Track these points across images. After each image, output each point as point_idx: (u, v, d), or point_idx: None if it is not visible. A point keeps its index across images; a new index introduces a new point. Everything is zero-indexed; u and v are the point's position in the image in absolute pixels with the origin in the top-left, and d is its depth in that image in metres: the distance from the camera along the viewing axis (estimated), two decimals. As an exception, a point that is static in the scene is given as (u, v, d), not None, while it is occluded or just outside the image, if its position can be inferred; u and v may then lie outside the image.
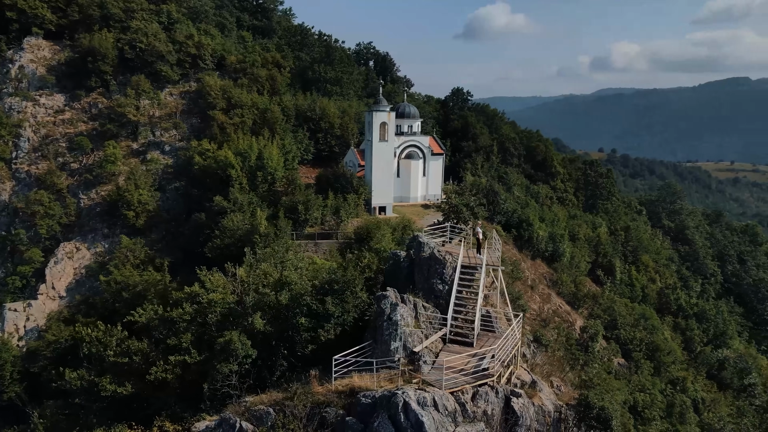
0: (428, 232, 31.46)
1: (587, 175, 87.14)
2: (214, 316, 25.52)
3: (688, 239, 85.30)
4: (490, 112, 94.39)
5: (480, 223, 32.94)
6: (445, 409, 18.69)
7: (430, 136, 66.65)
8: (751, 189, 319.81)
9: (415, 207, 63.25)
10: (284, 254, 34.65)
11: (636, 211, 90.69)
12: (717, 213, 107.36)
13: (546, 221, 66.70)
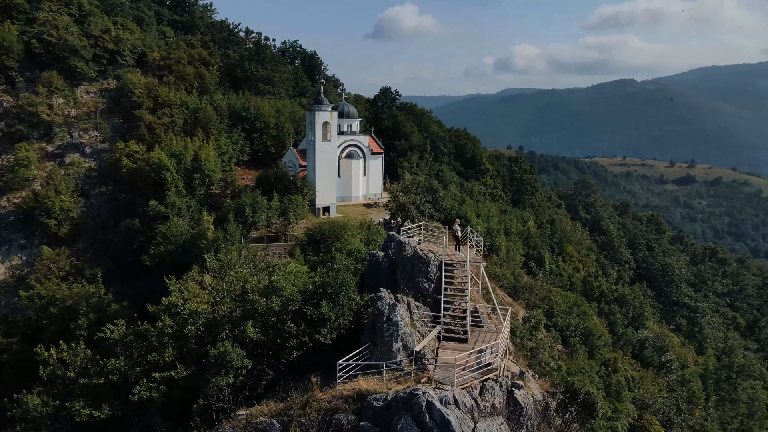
0: (405, 231, 31.64)
1: (513, 172, 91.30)
2: (194, 327, 24.12)
3: (603, 230, 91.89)
4: (418, 111, 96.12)
5: (458, 221, 33.58)
6: (464, 405, 18.99)
7: (369, 136, 66.83)
8: (641, 182, 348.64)
9: (357, 207, 63.18)
10: (253, 259, 33.38)
11: (556, 205, 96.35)
12: (625, 204, 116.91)
13: (482, 217, 69.09)
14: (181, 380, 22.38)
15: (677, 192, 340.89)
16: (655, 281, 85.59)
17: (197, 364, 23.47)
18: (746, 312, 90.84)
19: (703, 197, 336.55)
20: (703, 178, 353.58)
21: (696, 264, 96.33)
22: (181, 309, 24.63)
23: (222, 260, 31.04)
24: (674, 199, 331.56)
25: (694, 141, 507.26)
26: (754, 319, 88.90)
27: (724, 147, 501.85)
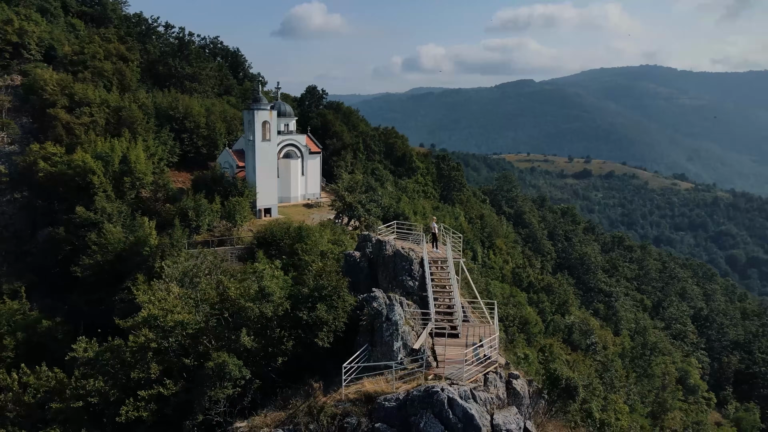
0: (381, 231, 31.59)
1: (441, 169, 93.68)
2: (181, 339, 22.59)
3: (526, 223, 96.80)
4: (345, 110, 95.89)
5: (435, 218, 33.97)
6: (479, 399, 19.37)
7: (306, 135, 65.83)
8: (545, 176, 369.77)
9: (297, 207, 62.10)
10: (219, 265, 31.80)
11: (481, 200, 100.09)
12: (542, 198, 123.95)
13: (418, 214, 70.40)
14: (172, 396, 20.95)
15: (576, 185, 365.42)
16: (575, 269, 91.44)
17: (187, 377, 22.07)
18: (651, 294, 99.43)
19: (599, 190, 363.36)
20: (598, 172, 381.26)
21: (607, 252, 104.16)
22: (161, 321, 23.03)
23: (187, 267, 29.36)
24: (574, 192, 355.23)
25: (587, 137, 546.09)
26: (659, 300, 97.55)
27: (612, 143, 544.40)
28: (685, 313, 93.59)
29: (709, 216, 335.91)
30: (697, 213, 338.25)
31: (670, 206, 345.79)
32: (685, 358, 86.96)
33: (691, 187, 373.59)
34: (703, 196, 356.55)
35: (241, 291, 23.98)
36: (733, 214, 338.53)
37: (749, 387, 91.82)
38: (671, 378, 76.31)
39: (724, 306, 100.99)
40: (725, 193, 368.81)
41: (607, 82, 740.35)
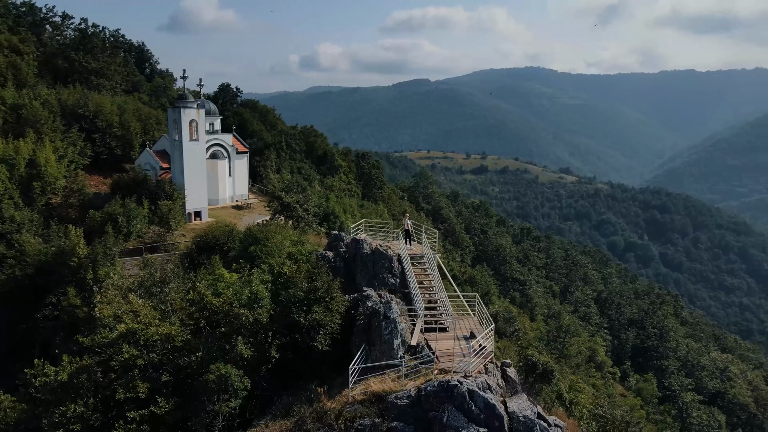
0: (353, 229, 31.14)
1: (361, 167, 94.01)
2: (161, 354, 20.82)
3: (444, 217, 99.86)
4: (261, 108, 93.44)
5: (408, 215, 33.95)
6: (493, 388, 19.86)
7: (232, 134, 63.28)
8: (445, 173, 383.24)
9: (226, 209, 59.59)
10: (175, 273, 29.63)
11: (400, 197, 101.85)
12: (455, 194, 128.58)
13: (347, 213, 70.27)
14: (166, 415, 19.32)
15: (474, 181, 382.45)
16: (492, 261, 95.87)
17: (177, 393, 20.46)
18: (558, 280, 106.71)
19: (495, 184, 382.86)
20: (493, 167, 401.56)
21: (518, 243, 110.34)
22: (141, 335, 21.14)
23: (144, 277, 27.28)
24: (473, 187, 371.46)
25: (482, 135, 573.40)
26: (565, 285, 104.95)
27: (504, 139, 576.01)
28: (588, 296, 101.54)
29: (592, 206, 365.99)
30: (581, 204, 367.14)
31: (558, 198, 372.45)
32: (591, 338, 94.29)
33: (576, 180, 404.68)
34: (585, 188, 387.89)
35: (224, 298, 22.69)
36: (611, 203, 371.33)
37: (644, 359, 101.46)
38: (584, 357, 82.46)
39: (620, 288, 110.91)
40: (604, 184, 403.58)
41: (496, 82, 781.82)
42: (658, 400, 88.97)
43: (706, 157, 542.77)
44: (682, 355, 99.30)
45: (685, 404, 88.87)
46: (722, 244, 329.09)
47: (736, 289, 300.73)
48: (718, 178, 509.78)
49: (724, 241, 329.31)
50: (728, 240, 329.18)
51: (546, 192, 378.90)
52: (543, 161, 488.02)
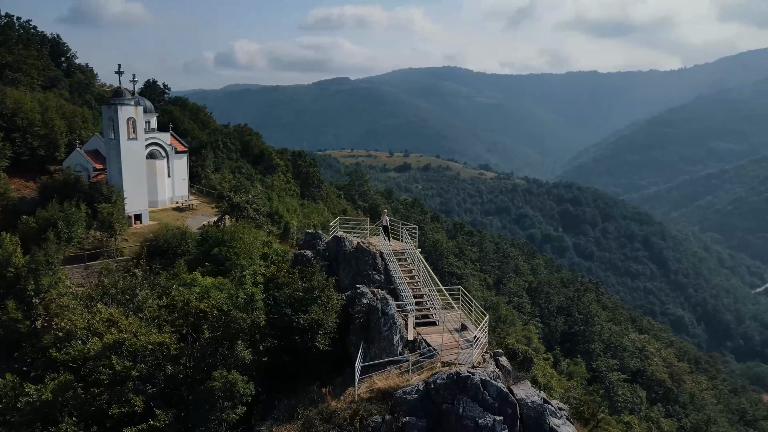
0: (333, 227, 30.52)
1: (298, 166, 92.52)
2: (153, 364, 19.41)
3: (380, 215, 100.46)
4: (192, 106, 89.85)
5: (386, 211, 33.57)
6: (501, 377, 20.25)
7: (169, 133, 60.28)
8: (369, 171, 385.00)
9: (167, 212, 56.72)
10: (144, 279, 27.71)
11: (337, 195, 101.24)
12: (389, 191, 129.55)
13: (291, 212, 69.05)
14: (166, 427, 18.09)
15: (398, 178, 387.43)
16: (429, 256, 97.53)
17: (175, 403, 19.22)
18: (491, 273, 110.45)
19: (418, 182, 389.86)
20: (416, 165, 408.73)
21: (452, 238, 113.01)
22: (128, 346, 19.64)
23: (108, 285, 25.48)
24: (397, 185, 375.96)
25: (403, 133, 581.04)
26: (499, 278, 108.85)
27: (425, 137, 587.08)
28: (521, 286, 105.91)
29: (511, 201, 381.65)
30: (501, 199, 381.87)
31: (479, 194, 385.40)
32: (525, 326, 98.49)
33: (495, 176, 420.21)
34: (504, 184, 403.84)
35: (213, 302, 21.66)
36: (528, 198, 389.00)
37: (572, 344, 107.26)
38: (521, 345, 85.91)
39: (547, 277, 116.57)
40: (521, 180, 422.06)
41: (415, 82, 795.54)
42: (587, 382, 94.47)
43: (609, 153, 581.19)
44: (605, 338, 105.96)
45: (612, 383, 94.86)
46: (627, 233, 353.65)
47: (640, 275, 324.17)
48: (620, 172, 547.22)
49: (629, 231, 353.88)
50: (633, 229, 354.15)
51: (468, 188, 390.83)
52: (463, 158, 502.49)
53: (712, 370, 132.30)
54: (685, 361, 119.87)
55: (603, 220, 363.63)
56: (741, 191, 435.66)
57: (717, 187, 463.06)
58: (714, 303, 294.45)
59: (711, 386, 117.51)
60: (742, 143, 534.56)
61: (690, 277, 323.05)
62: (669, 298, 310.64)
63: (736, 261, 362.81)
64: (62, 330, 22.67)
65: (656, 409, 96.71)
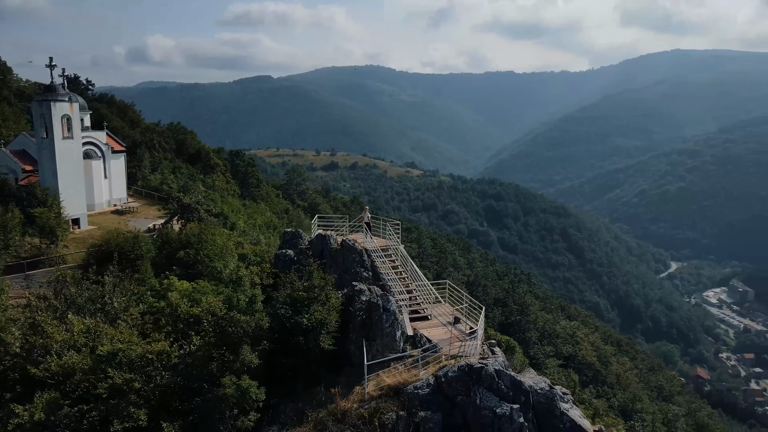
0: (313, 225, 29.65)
1: (236, 165, 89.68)
2: (154, 374, 17.99)
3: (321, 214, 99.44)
4: (119, 104, 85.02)
5: (367, 208, 32.97)
6: (510, 367, 20.58)
7: (105, 132, 56.53)
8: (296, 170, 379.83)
9: (105, 215, 53.23)
10: (114, 285, 25.65)
11: (276, 195, 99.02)
12: (326, 189, 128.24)
13: (235, 212, 67.00)
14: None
15: (326, 177, 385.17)
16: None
17: (179, 414, 18.01)
18: (431, 268, 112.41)
19: (346, 180, 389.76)
20: (343, 163, 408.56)
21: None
22: (122, 357, 18.15)
23: (75, 295, 23.61)
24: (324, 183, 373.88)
25: (329, 131, 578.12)
26: (438, 273, 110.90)
27: (351, 136, 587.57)
28: (460, 280, 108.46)
29: (437, 197, 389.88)
30: (427, 196, 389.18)
31: (406, 191, 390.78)
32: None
33: (421, 173, 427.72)
34: (430, 181, 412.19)
35: (206, 306, 20.60)
36: (454, 194, 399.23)
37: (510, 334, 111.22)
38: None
39: (484, 270, 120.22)
40: (446, 177, 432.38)
41: (340, 80, 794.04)
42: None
43: (527, 150, 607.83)
44: (540, 327, 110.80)
45: (548, 370, 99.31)
46: (547, 226, 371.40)
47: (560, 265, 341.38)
48: (537, 168, 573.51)
49: (549, 224, 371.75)
50: (551, 222, 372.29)
51: (395, 186, 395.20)
52: (389, 156, 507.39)
53: (632, 352, 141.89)
54: (609, 344, 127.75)
55: (524, 214, 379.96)
56: (644, 184, 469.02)
57: (623, 181, 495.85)
58: (625, 289, 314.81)
59: (633, 366, 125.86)
60: (645, 140, 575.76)
61: (604, 266, 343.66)
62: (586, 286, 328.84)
63: (643, 249, 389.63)
64: (34, 345, 20.64)
65: (588, 391, 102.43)
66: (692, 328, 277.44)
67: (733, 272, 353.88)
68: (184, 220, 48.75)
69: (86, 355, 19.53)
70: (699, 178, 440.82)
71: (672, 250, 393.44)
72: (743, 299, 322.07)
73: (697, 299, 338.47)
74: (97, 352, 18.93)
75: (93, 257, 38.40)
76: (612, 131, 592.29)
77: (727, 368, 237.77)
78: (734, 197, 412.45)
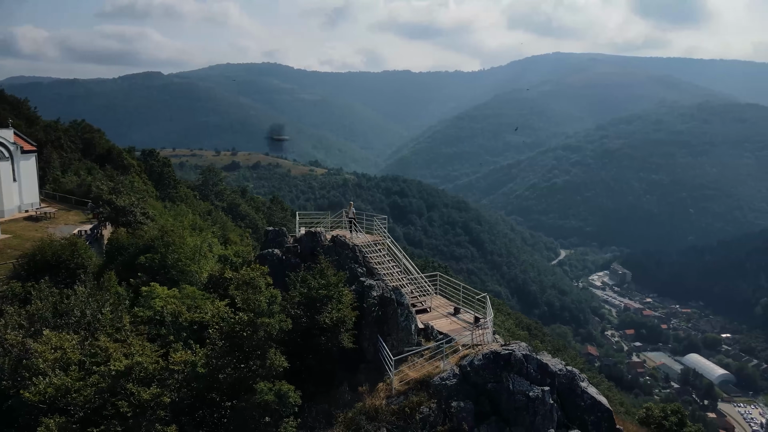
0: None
1: (151, 166, 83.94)
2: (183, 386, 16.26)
3: (242, 214, 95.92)
4: (11, 100, 76.81)
5: (352, 203, 31.83)
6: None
7: (12, 130, 50.62)
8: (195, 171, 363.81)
9: (18, 222, 47.75)
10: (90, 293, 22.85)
11: (194, 196, 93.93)
12: (243, 189, 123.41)
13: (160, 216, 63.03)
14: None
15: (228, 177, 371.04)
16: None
17: (209, 427, 16.55)
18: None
19: (249, 180, 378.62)
20: (245, 163, 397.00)
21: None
22: (137, 371, 16.33)
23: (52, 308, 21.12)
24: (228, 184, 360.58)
25: (227, 130, 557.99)
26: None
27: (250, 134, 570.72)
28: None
29: (342, 195, 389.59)
30: (333, 194, 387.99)
31: (312, 190, 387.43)
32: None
33: (325, 171, 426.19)
34: (335, 179, 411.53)
35: (214, 310, 19.31)
36: (359, 192, 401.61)
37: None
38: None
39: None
40: (350, 175, 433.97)
41: (236, 78, 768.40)
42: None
43: (426, 147, 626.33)
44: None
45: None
46: (450, 220, 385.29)
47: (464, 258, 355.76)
48: (437, 164, 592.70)
49: (451, 218, 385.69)
50: (454, 217, 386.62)
51: (299, 185, 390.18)
52: (291, 155, 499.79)
53: (540, 335, 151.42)
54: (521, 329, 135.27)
55: (428, 210, 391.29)
56: (534, 179, 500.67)
57: (515, 175, 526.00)
58: (523, 277, 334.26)
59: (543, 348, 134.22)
60: (532, 137, 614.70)
61: (503, 256, 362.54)
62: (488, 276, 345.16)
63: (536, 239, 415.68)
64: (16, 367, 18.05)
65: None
66: (582, 310, 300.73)
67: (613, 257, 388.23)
68: (117, 224, 45.16)
69: (85, 373, 17.43)
70: (581, 172, 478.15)
71: (561, 238, 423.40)
72: (623, 281, 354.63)
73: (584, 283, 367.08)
74: (111, 367, 16.92)
75: (24, 269, 34.45)
76: (503, 128, 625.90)
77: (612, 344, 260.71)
78: (611, 188, 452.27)
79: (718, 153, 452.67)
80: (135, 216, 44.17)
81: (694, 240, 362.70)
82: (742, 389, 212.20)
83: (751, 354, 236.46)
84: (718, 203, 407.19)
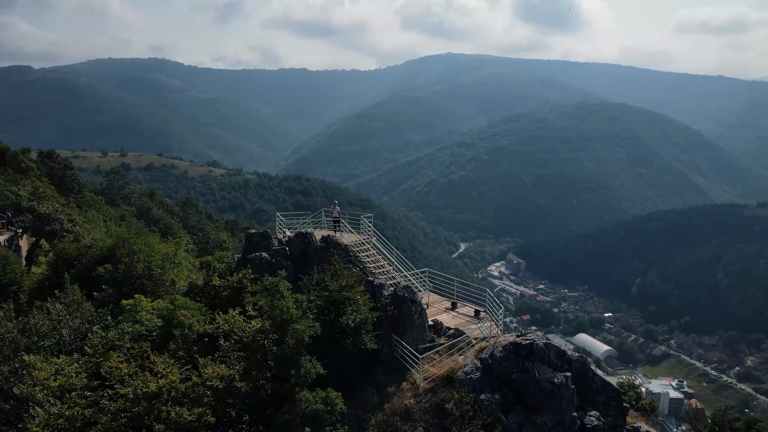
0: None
1: (51, 169, 75.99)
2: (229, 402, 14.64)
3: (155, 218, 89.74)
4: None
5: (336, 203, 30.35)
6: None
7: None
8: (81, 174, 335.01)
9: None
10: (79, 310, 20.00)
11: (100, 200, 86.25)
12: (151, 192, 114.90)
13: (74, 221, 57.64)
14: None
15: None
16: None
17: None
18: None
19: (142, 183, 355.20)
20: (137, 165, 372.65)
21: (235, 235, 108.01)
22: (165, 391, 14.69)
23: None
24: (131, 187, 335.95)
25: (113, 130, 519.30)
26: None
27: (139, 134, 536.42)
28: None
29: (244, 196, 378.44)
30: (234, 195, 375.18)
31: (211, 191, 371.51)
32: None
33: (224, 172, 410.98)
34: (235, 180, 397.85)
35: (228, 320, 18.11)
36: (261, 192, 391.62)
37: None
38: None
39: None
40: (251, 175, 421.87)
41: (120, 73, 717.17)
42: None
43: (326, 146, 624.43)
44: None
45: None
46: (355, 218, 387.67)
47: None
48: (337, 163, 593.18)
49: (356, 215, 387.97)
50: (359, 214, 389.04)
51: (198, 186, 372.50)
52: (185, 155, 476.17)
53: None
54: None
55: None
56: (432, 175, 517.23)
57: (415, 172, 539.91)
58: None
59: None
60: (429, 134, 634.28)
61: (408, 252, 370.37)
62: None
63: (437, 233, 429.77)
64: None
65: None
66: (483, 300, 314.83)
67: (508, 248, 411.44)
68: (40, 235, 40.75)
69: (96, 399, 15.46)
70: (476, 167, 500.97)
71: (460, 232, 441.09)
72: (518, 270, 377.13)
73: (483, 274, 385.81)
74: (144, 389, 15.02)
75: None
76: (401, 126, 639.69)
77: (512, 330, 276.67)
78: (503, 183, 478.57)
79: (594, 148, 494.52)
80: (62, 224, 39.85)
81: (577, 228, 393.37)
82: (624, 362, 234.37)
83: (630, 330, 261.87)
84: (596, 194, 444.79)
